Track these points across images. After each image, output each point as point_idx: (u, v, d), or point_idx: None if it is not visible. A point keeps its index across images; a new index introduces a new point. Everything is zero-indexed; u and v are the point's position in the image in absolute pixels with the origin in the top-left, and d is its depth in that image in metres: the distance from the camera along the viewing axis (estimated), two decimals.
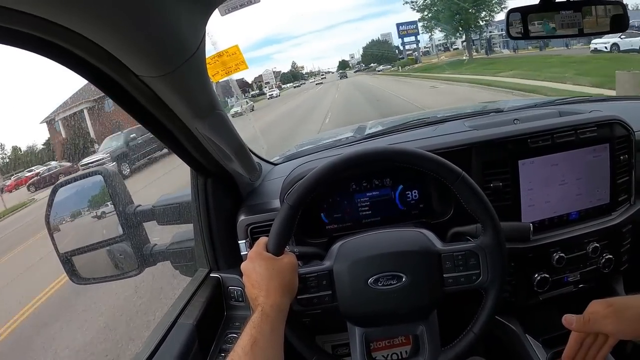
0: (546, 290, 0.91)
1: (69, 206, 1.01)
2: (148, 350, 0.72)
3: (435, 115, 1.27)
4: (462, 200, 0.65)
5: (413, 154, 0.66)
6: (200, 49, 0.53)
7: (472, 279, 0.63)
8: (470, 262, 0.63)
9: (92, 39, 0.44)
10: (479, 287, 0.64)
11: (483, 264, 0.63)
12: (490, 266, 0.63)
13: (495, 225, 0.64)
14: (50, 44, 0.43)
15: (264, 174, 1.03)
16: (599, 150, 0.93)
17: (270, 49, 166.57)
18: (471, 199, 0.64)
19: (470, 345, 0.64)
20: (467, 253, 0.63)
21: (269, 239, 0.64)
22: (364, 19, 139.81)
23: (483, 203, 0.64)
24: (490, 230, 0.64)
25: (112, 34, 0.44)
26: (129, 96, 0.57)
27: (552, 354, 0.90)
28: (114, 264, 1.03)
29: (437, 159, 0.65)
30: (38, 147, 17.14)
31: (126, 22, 0.42)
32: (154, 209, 0.98)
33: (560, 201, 0.93)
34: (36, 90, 76.53)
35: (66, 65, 0.48)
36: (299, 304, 0.63)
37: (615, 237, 0.95)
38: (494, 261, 0.63)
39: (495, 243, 0.63)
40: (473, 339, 0.64)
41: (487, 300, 0.64)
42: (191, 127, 0.69)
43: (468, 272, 0.63)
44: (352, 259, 0.64)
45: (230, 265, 0.92)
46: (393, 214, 0.91)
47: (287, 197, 0.65)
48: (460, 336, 0.64)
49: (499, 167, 0.88)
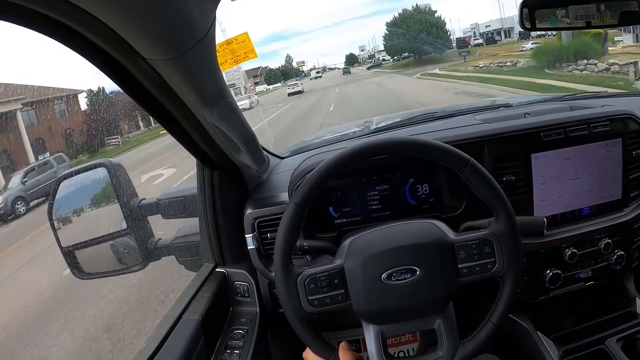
0: (558, 287, 0.90)
1: (72, 199, 1.00)
2: (152, 346, 0.71)
3: (443, 109, 1.25)
4: (473, 188, 0.63)
5: (420, 143, 0.64)
6: (209, 34, 0.51)
7: (487, 267, 0.61)
8: (485, 250, 0.61)
9: (100, 17, 0.42)
10: (495, 276, 0.62)
11: (498, 251, 0.61)
12: (506, 253, 0.61)
13: (508, 211, 0.62)
14: (58, 23, 0.42)
15: (271, 167, 1.02)
16: (612, 145, 0.92)
17: (278, 44, 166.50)
18: (482, 185, 0.62)
19: (490, 336, 0.61)
20: (481, 241, 0.62)
21: (277, 238, 0.62)
22: (373, 15, 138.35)
23: (494, 189, 0.62)
24: (503, 217, 0.62)
25: (120, 13, 0.42)
26: (136, 81, 0.55)
27: (563, 352, 0.89)
28: (117, 258, 1.01)
29: (445, 146, 0.63)
30: None
31: (136, 2, 0.41)
32: (159, 202, 0.96)
33: (572, 196, 0.92)
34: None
35: (71, 46, 0.46)
36: (311, 305, 0.61)
37: (627, 233, 0.94)
38: (509, 247, 0.61)
39: (509, 229, 0.62)
40: (492, 329, 0.62)
41: (504, 288, 0.62)
42: (199, 116, 0.67)
43: (483, 261, 0.61)
44: (364, 255, 0.62)
45: (236, 260, 0.91)
46: (403, 208, 0.90)
47: (293, 195, 0.63)
48: (479, 327, 0.62)
49: (512, 161, 0.87)
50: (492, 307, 0.63)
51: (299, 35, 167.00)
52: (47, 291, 3.81)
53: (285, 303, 0.62)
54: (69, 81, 64.90)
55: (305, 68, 72.89)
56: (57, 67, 13.95)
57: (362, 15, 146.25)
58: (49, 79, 27.92)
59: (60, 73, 33.36)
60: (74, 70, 7.08)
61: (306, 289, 0.61)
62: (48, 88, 11.55)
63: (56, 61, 6.86)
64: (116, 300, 3.22)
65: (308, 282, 0.61)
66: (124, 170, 0.95)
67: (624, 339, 0.91)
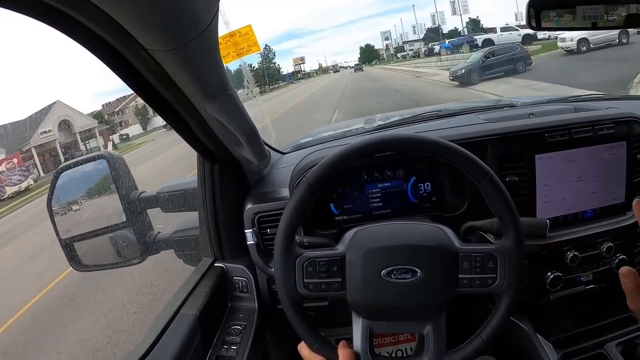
0: (558, 290, 0.89)
1: (71, 190, 0.99)
2: (149, 340, 0.70)
3: (447, 108, 1.24)
4: (487, 199, 0.63)
5: (444, 146, 0.63)
6: (212, 25, 0.51)
7: (487, 282, 0.61)
8: (488, 265, 0.61)
9: (100, 5, 0.41)
10: (493, 292, 0.62)
11: (501, 268, 0.61)
12: (508, 271, 0.60)
13: (517, 230, 0.62)
14: (56, 10, 0.41)
15: (272, 162, 1.01)
16: (616, 147, 0.91)
17: (291, 43, 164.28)
18: (497, 199, 0.62)
19: (476, 351, 0.61)
20: (486, 255, 0.61)
21: (282, 216, 0.62)
22: (385, 14, 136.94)
23: (508, 205, 0.62)
24: (512, 234, 0.61)
25: (121, 2, 0.41)
26: (137, 72, 0.55)
27: (562, 355, 0.88)
28: (116, 251, 1.01)
29: (468, 154, 0.62)
30: None
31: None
32: (159, 195, 0.96)
33: (575, 198, 0.91)
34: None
35: (70, 35, 0.46)
36: (305, 288, 0.61)
37: (629, 237, 0.93)
38: (512, 266, 0.61)
39: (515, 248, 0.61)
40: (480, 344, 0.61)
41: (499, 306, 0.62)
42: (200, 109, 0.66)
43: (485, 275, 0.61)
44: (367, 247, 0.61)
45: (236, 255, 0.90)
46: (404, 206, 0.89)
47: (307, 176, 0.62)
48: (468, 340, 0.62)
49: (515, 161, 0.86)
50: (485, 322, 0.62)
51: (313, 34, 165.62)
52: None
53: (280, 282, 0.61)
54: None
55: (302, 68, 60.98)
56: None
57: (375, 14, 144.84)
58: None
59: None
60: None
61: (304, 271, 0.61)
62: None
63: None
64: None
65: (307, 265, 0.61)
66: (124, 162, 0.94)
67: (624, 344, 0.90)
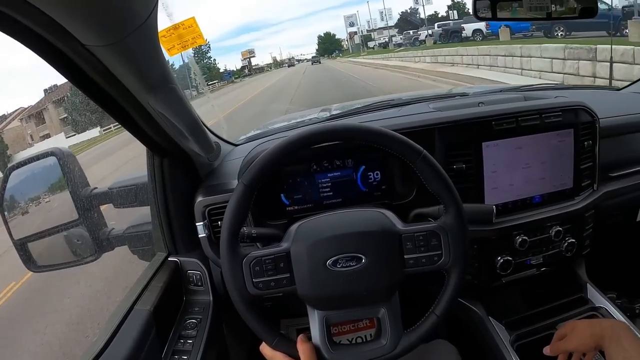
0: (509, 273, 0.91)
1: (23, 190, 0.97)
2: (104, 338, 0.69)
3: (399, 97, 1.26)
4: (424, 180, 0.63)
5: (372, 131, 0.64)
6: (151, 18, 0.50)
7: (433, 259, 0.62)
8: (432, 242, 0.62)
9: (35, 4, 0.41)
10: (441, 268, 0.63)
11: (445, 245, 0.62)
12: (452, 247, 0.62)
13: (457, 205, 0.63)
14: None
15: (223, 154, 1.01)
16: (564, 135, 0.94)
17: (247, 36, 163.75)
18: (432, 178, 0.63)
19: (433, 328, 0.62)
20: (428, 233, 0.62)
21: (224, 219, 0.62)
22: (344, 6, 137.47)
23: (445, 182, 0.63)
24: (452, 210, 0.62)
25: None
26: (77, 68, 0.53)
27: (515, 336, 0.90)
28: (71, 249, 0.99)
29: (398, 136, 0.63)
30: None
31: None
32: (111, 191, 0.95)
33: (523, 184, 0.93)
34: None
35: (8, 33, 0.44)
36: (256, 288, 0.61)
37: (577, 221, 0.96)
38: (455, 241, 0.62)
39: (457, 223, 0.62)
40: (436, 321, 0.62)
41: (449, 281, 0.63)
42: (144, 102, 0.66)
43: (429, 253, 0.62)
44: (311, 240, 0.62)
45: (189, 249, 0.90)
46: (355, 195, 0.90)
47: (242, 177, 0.63)
48: (423, 318, 0.63)
49: (463, 149, 0.88)
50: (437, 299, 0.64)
51: (269, 27, 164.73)
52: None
53: (230, 284, 0.61)
54: None
55: (257, 61, 57.12)
56: None
57: (335, 6, 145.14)
58: None
59: None
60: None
61: (251, 271, 0.61)
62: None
63: None
64: None
65: (253, 264, 0.61)
66: (75, 158, 0.93)
67: None
